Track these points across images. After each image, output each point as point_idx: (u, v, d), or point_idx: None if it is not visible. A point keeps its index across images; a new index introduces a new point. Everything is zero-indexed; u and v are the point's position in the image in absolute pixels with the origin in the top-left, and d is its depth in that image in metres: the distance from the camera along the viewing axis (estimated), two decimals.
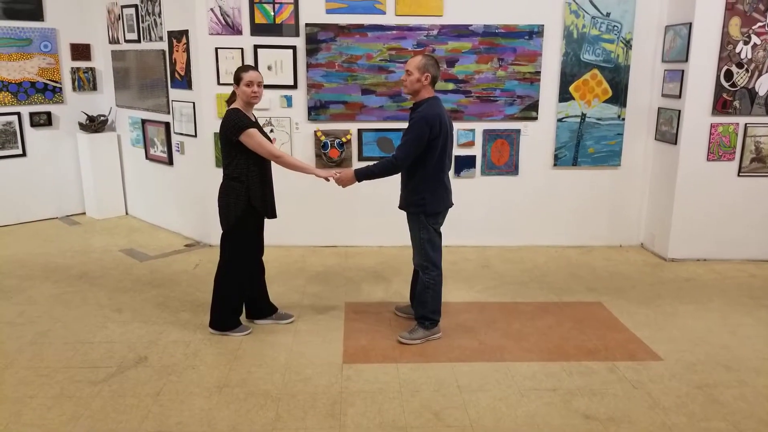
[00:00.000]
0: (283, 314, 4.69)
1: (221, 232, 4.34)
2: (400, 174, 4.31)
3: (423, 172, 4.17)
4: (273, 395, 3.67)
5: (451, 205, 4.36)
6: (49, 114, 7.33)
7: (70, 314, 4.78)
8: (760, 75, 5.77)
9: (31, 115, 7.20)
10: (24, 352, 4.17)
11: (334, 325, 4.63)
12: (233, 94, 4.25)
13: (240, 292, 4.45)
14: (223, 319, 4.43)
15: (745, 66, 5.75)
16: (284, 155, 4.34)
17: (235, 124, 4.08)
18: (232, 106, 4.22)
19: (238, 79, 4.14)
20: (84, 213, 7.73)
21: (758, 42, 5.70)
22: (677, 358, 4.17)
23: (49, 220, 7.47)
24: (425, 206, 4.22)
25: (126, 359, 4.08)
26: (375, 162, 4.34)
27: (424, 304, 4.35)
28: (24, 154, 7.23)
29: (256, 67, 5.24)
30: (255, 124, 4.20)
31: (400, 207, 4.37)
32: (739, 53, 5.73)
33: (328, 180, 4.34)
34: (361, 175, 4.25)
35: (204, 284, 5.37)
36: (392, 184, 6.08)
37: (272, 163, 4.31)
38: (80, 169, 7.62)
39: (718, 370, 4.03)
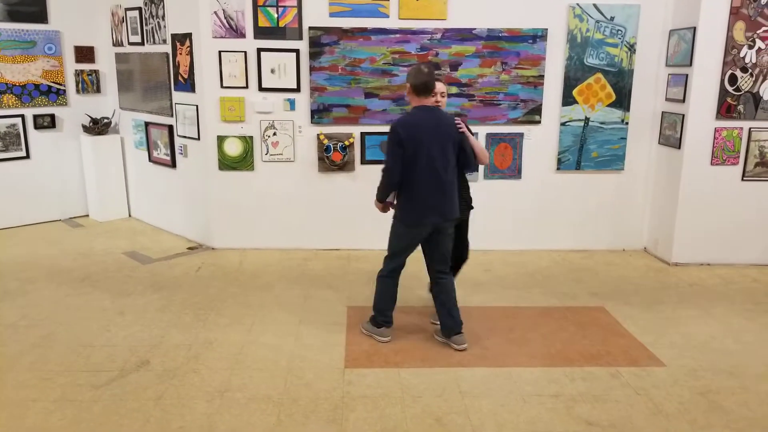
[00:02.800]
0: None
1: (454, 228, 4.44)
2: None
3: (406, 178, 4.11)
4: (274, 400, 3.67)
5: (430, 221, 4.17)
6: (52, 116, 7.34)
7: (72, 317, 4.78)
8: (764, 79, 5.75)
9: (35, 117, 7.21)
10: (26, 354, 4.18)
11: (336, 329, 4.63)
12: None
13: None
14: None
15: (750, 70, 5.73)
16: None
17: None
18: None
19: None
20: (87, 215, 7.74)
21: (763, 46, 5.69)
22: (680, 364, 4.15)
23: (52, 223, 7.48)
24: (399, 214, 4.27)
25: (128, 363, 4.08)
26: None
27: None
28: (27, 157, 7.24)
29: None
30: None
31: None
32: (744, 57, 5.71)
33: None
34: (378, 197, 4.31)
35: (206, 287, 5.37)
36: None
37: None
38: (83, 172, 7.63)
39: (721, 376, 4.01)
